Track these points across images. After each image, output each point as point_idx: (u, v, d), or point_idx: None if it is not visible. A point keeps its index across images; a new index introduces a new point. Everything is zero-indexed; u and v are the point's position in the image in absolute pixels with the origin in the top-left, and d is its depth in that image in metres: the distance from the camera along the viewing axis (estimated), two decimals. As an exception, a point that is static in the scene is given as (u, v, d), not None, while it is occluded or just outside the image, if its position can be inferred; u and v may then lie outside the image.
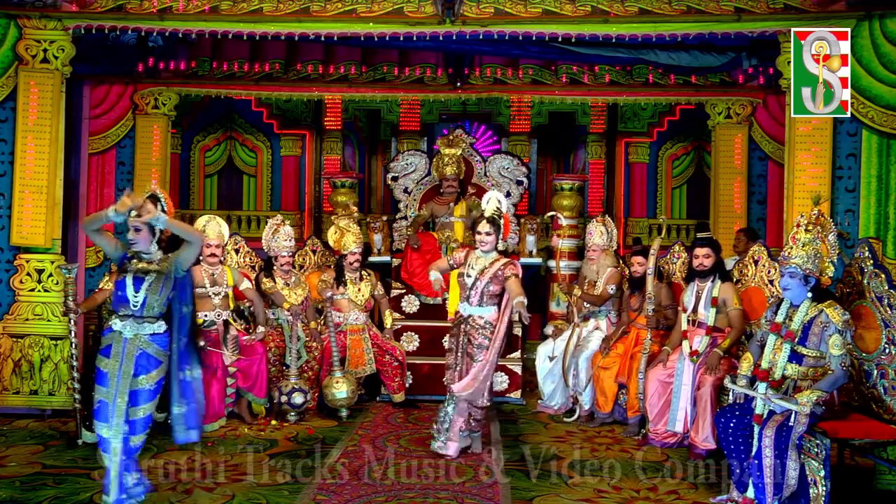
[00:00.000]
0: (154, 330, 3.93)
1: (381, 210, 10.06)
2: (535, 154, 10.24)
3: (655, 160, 10.20)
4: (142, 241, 3.95)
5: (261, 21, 6.17)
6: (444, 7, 6.02)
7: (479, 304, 5.10)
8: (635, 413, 5.82)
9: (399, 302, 7.42)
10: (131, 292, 3.89)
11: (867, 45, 5.71)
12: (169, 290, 3.95)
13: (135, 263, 3.96)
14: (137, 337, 3.89)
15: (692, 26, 6.05)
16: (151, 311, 3.91)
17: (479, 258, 5.15)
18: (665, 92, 8.17)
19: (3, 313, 6.17)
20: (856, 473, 4.67)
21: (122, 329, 3.89)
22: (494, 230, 5.12)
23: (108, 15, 6.16)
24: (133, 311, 3.89)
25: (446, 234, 7.51)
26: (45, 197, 6.18)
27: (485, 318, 5.12)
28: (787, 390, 4.08)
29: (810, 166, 5.85)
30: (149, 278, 3.90)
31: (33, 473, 4.67)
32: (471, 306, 5.13)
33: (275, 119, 9.99)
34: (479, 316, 5.11)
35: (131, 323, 3.89)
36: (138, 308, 3.88)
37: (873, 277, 4.33)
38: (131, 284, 3.89)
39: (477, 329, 5.10)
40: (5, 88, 6.17)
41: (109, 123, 7.48)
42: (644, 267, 5.96)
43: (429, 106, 10.13)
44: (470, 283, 5.12)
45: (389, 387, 6.66)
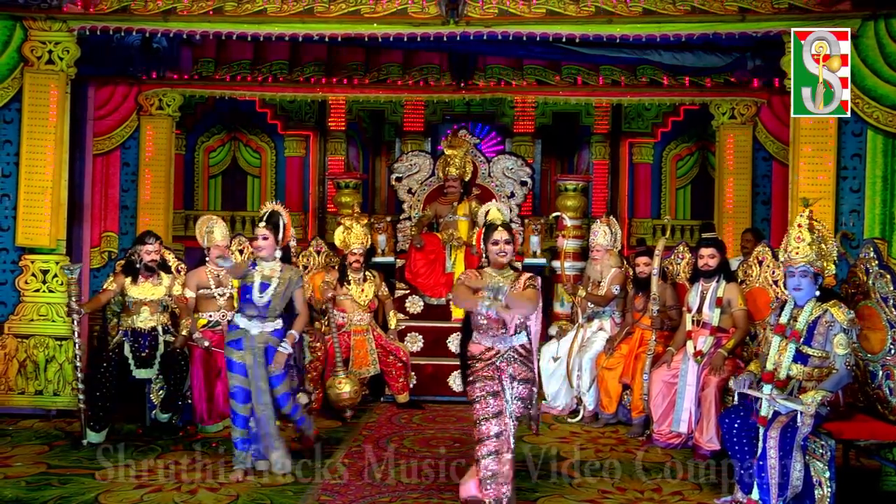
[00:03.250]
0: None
1: (385, 211, 10.06)
2: (539, 154, 10.24)
3: (659, 161, 10.18)
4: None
5: (265, 22, 6.18)
6: (447, 8, 6.02)
7: (517, 331, 4.06)
8: (639, 414, 5.81)
9: (403, 302, 7.41)
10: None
11: (872, 45, 5.70)
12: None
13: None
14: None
15: (696, 26, 6.04)
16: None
17: (496, 277, 4.08)
18: (669, 92, 8.16)
19: (8, 314, 6.19)
20: (861, 475, 4.66)
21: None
22: (511, 237, 4.15)
23: (113, 16, 6.18)
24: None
25: (450, 234, 7.50)
26: (50, 198, 6.20)
27: (525, 346, 4.10)
28: (791, 391, 4.07)
29: (815, 167, 5.84)
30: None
31: (38, 473, 4.68)
32: (510, 337, 4.04)
33: (279, 120, 10.01)
34: (520, 346, 4.07)
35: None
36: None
37: (878, 278, 4.31)
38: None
39: (520, 362, 4.05)
40: (11, 90, 6.19)
41: (114, 124, 7.51)
42: (649, 267, 5.95)
43: (433, 107, 10.14)
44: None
45: (393, 387, 6.66)
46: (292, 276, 4.75)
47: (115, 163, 7.58)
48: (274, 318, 4.70)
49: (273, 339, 4.68)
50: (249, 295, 4.65)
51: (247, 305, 4.68)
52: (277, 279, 4.67)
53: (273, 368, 4.68)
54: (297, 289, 4.79)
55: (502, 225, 4.18)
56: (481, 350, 4.06)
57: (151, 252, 5.67)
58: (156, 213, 7.69)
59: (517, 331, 4.06)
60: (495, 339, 4.05)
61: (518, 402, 4.01)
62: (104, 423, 5.38)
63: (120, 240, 7.58)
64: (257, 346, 4.63)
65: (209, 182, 10.16)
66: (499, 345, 4.04)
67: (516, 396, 4.00)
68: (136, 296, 5.64)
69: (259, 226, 4.71)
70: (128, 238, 7.47)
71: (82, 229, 7.12)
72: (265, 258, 4.71)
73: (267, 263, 4.70)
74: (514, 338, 4.06)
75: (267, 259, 4.71)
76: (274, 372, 4.68)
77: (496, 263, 4.13)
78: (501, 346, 4.04)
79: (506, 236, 4.12)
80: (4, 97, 6.19)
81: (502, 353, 4.03)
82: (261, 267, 4.69)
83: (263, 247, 4.69)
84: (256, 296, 4.63)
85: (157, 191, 7.77)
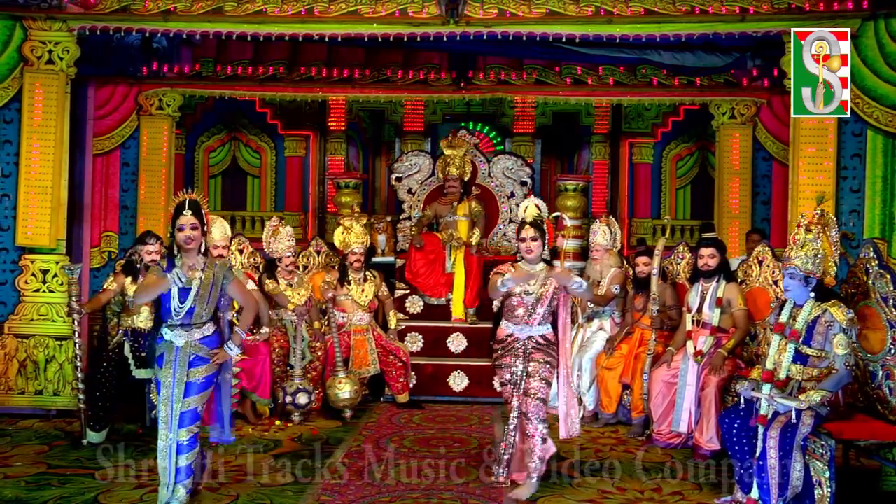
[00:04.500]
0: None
1: (385, 211, 10.06)
2: (538, 154, 10.24)
3: (659, 161, 10.19)
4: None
5: (264, 22, 6.19)
6: (447, 8, 6.02)
7: (541, 322, 4.51)
8: (639, 414, 5.81)
9: (403, 302, 7.42)
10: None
11: (872, 45, 5.70)
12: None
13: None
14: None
15: (696, 26, 6.04)
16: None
17: (529, 270, 4.50)
18: (669, 92, 8.16)
19: (8, 313, 6.19)
20: (861, 475, 4.66)
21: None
22: (540, 235, 4.49)
23: (113, 16, 6.18)
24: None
25: (450, 234, 7.51)
26: (50, 197, 6.20)
27: (546, 336, 4.54)
28: (791, 391, 4.07)
29: (815, 166, 5.84)
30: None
31: (38, 473, 4.68)
32: (531, 327, 4.50)
33: (279, 120, 10.02)
34: (540, 336, 4.52)
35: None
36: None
37: (878, 278, 4.31)
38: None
39: (540, 349, 4.50)
40: (11, 90, 6.20)
41: (114, 124, 7.50)
42: (649, 267, 5.95)
43: (433, 107, 10.15)
44: (533, 301, 4.49)
45: (393, 387, 6.66)
46: (216, 273, 4.01)
47: (115, 163, 7.58)
48: (201, 324, 4.01)
49: (203, 349, 4.01)
50: (168, 305, 3.95)
51: (167, 315, 3.98)
52: (199, 280, 3.96)
53: (203, 370, 4.01)
54: (229, 284, 4.06)
55: (531, 223, 4.53)
56: (503, 336, 4.59)
57: (152, 252, 5.67)
58: (156, 213, 7.68)
59: (541, 322, 4.51)
60: (517, 328, 4.52)
61: (538, 382, 4.44)
62: (104, 423, 5.38)
63: (120, 240, 7.58)
64: (181, 358, 3.96)
65: (209, 182, 10.16)
66: (519, 333, 4.52)
67: (533, 374, 4.44)
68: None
69: (185, 214, 3.93)
70: (128, 238, 7.46)
71: (82, 229, 7.12)
72: (190, 253, 3.97)
73: (187, 261, 3.96)
74: (536, 328, 4.51)
75: (190, 255, 3.98)
76: (196, 376, 4.00)
77: (526, 258, 4.55)
78: (521, 334, 4.51)
79: (532, 234, 4.49)
80: (4, 97, 6.20)
81: (521, 339, 4.51)
82: (176, 270, 3.92)
83: (195, 238, 3.95)
84: (175, 306, 3.94)
85: (157, 191, 7.76)
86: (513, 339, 4.55)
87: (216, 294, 4.03)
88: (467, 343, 7.16)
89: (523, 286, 4.49)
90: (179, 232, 3.95)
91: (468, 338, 7.17)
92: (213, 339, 4.06)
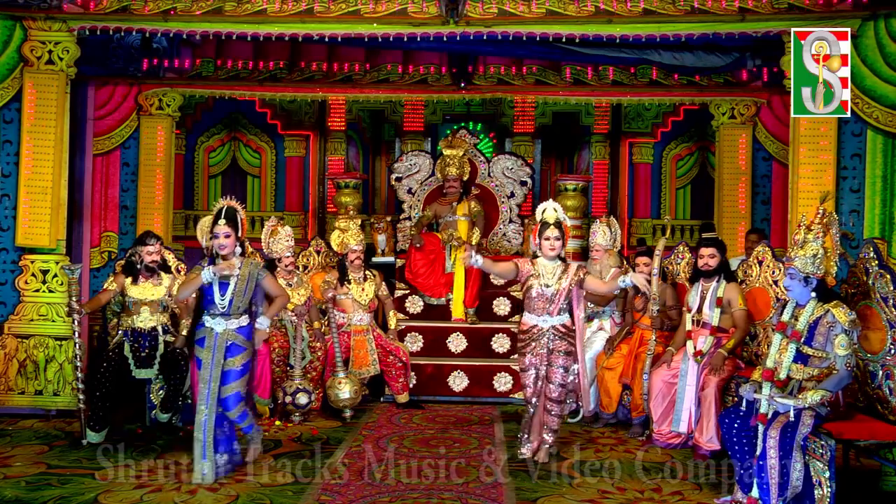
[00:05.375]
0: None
1: (385, 211, 10.06)
2: (538, 154, 10.24)
3: (659, 161, 10.18)
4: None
5: (264, 22, 6.18)
6: (447, 8, 6.02)
7: (559, 312, 5.03)
8: (639, 414, 5.81)
9: (403, 302, 7.42)
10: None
11: (872, 45, 5.70)
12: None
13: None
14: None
15: (696, 26, 6.04)
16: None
17: (547, 266, 5.05)
18: (669, 92, 8.16)
19: (8, 314, 6.19)
20: (861, 475, 4.66)
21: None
22: (561, 235, 5.05)
23: (113, 16, 6.18)
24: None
25: (449, 234, 7.50)
26: (50, 197, 6.20)
27: (566, 325, 5.06)
28: (791, 391, 4.07)
29: (814, 166, 5.84)
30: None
31: (38, 473, 4.68)
32: (551, 317, 5.01)
33: (279, 120, 10.00)
34: (561, 325, 5.03)
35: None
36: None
37: (878, 278, 4.31)
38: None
39: (561, 338, 5.03)
40: (11, 90, 6.20)
41: (114, 124, 7.50)
42: (648, 267, 5.95)
43: (433, 107, 10.14)
44: (552, 293, 5.00)
45: (393, 387, 6.67)
46: (251, 271, 4.65)
47: (115, 163, 7.58)
48: (238, 315, 4.63)
49: (238, 338, 4.62)
50: (211, 297, 4.58)
51: (210, 306, 4.62)
52: (236, 277, 4.58)
53: (240, 357, 4.61)
54: (262, 280, 4.71)
55: (554, 223, 5.04)
56: (528, 327, 5.08)
57: (152, 253, 5.67)
58: (156, 213, 7.68)
59: (560, 312, 5.01)
60: (539, 319, 5.02)
61: (558, 369, 5.01)
62: (104, 423, 5.38)
63: (120, 240, 7.58)
64: (219, 343, 4.58)
65: (209, 182, 10.16)
66: (542, 323, 5.01)
67: (555, 364, 5.01)
68: (136, 296, 5.64)
69: (219, 224, 4.55)
70: (128, 238, 7.47)
71: (82, 229, 7.12)
72: (227, 256, 4.59)
73: (225, 261, 4.59)
74: (556, 318, 5.00)
75: (229, 257, 4.60)
76: (235, 365, 4.60)
77: (547, 256, 5.05)
78: (544, 324, 5.01)
79: (556, 234, 5.03)
80: (4, 97, 6.19)
81: (545, 330, 5.01)
82: (218, 266, 4.56)
83: (227, 245, 4.57)
84: (218, 297, 4.56)
85: (156, 191, 7.76)
86: (537, 330, 5.03)
87: (251, 288, 4.66)
88: (467, 343, 7.17)
89: (539, 279, 5.01)
90: (214, 239, 4.58)
91: (468, 338, 7.17)
92: (247, 329, 4.69)
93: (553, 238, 5.01)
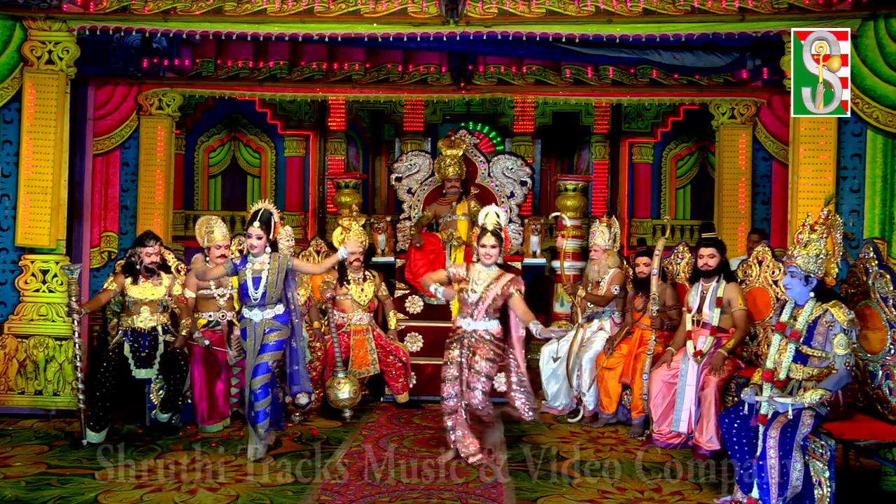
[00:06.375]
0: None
1: (385, 211, 10.06)
2: (538, 154, 10.24)
3: (659, 161, 10.19)
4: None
5: (264, 22, 6.18)
6: (447, 8, 6.02)
7: (484, 318, 5.05)
8: (639, 414, 5.81)
9: (403, 302, 7.42)
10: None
11: (872, 45, 5.70)
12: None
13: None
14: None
15: (696, 26, 6.04)
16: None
17: (482, 272, 5.07)
18: (669, 92, 8.15)
19: (8, 314, 6.19)
20: (861, 475, 4.66)
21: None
22: (498, 243, 5.09)
23: (113, 16, 6.18)
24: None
25: (449, 234, 7.50)
26: (50, 197, 6.20)
27: (490, 331, 5.07)
28: (791, 391, 4.07)
29: (814, 167, 5.84)
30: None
31: (38, 473, 4.68)
32: (475, 321, 5.06)
33: (278, 120, 10.01)
34: (484, 330, 5.06)
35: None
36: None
37: (878, 278, 4.31)
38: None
39: (483, 343, 5.04)
40: (11, 90, 6.19)
41: (114, 124, 7.50)
42: (648, 267, 5.95)
43: (433, 106, 10.14)
44: (475, 299, 5.03)
45: (393, 387, 6.67)
46: (281, 262, 5.04)
47: (114, 163, 7.58)
48: (273, 304, 5.04)
49: (274, 324, 5.04)
50: (246, 291, 5.02)
51: (247, 299, 5.04)
52: (267, 271, 4.99)
53: (276, 334, 5.04)
54: (291, 265, 5.11)
55: (492, 231, 5.08)
56: (455, 327, 5.17)
57: (151, 254, 5.68)
58: (156, 213, 7.68)
59: (484, 318, 5.03)
60: (464, 321, 5.09)
61: (477, 375, 4.97)
62: (104, 423, 5.38)
63: (120, 240, 7.58)
64: (258, 331, 5.01)
65: (209, 182, 10.16)
66: (465, 325, 5.07)
67: (475, 368, 4.98)
68: (136, 296, 5.64)
69: (253, 225, 4.96)
70: (128, 238, 7.47)
71: (82, 229, 7.12)
72: (257, 255, 5.00)
73: (257, 258, 5.00)
74: (479, 322, 5.04)
75: (258, 255, 5.00)
76: (271, 339, 5.01)
77: (483, 262, 5.08)
78: (468, 327, 5.06)
79: (492, 241, 5.06)
80: (4, 97, 6.19)
81: (468, 332, 5.06)
82: (250, 263, 5.00)
83: (257, 245, 4.98)
84: (252, 291, 4.99)
85: (156, 191, 7.76)
86: (461, 331, 5.11)
87: (282, 277, 5.02)
88: (467, 343, 7.15)
89: (470, 283, 5.05)
90: (247, 238, 5.01)
91: (468, 338, 7.16)
92: (283, 317, 5.08)
93: (489, 245, 5.05)
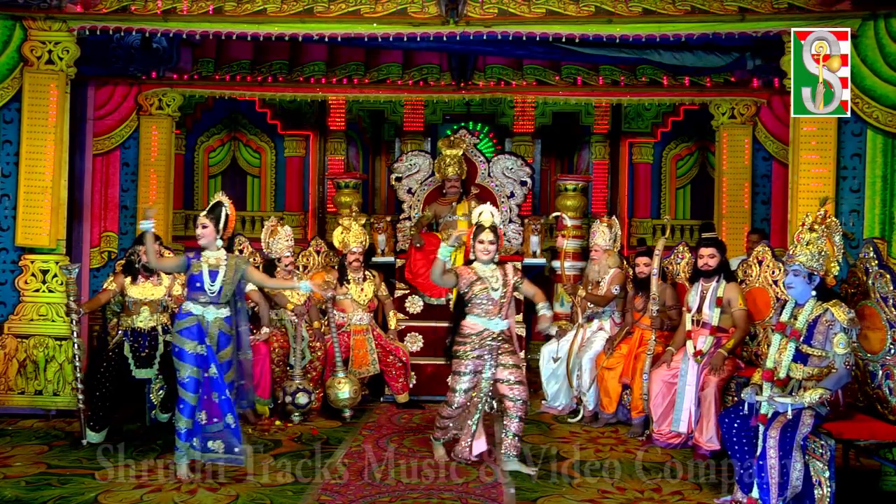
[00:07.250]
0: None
1: (385, 211, 10.06)
2: (538, 154, 10.23)
3: (659, 161, 10.18)
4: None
5: (264, 22, 6.18)
6: (447, 8, 6.02)
7: (505, 316, 5.01)
8: (639, 413, 5.81)
9: (403, 302, 7.42)
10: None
11: (872, 45, 5.70)
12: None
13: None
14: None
15: (696, 26, 6.04)
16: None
17: (485, 270, 5.01)
18: (669, 92, 8.15)
19: (7, 314, 6.19)
20: (861, 475, 4.66)
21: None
22: (496, 239, 5.07)
23: (113, 16, 6.18)
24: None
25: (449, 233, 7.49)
26: (50, 197, 6.20)
27: (508, 328, 5.07)
28: (791, 390, 4.07)
29: (814, 166, 5.84)
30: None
31: (38, 473, 4.68)
32: (503, 320, 4.98)
33: (278, 120, 10.01)
34: (507, 329, 5.03)
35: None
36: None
37: (878, 278, 4.31)
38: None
39: (506, 341, 5.03)
40: (11, 90, 6.19)
41: (114, 124, 7.51)
42: (649, 267, 5.95)
43: (432, 107, 10.14)
44: (499, 296, 4.95)
45: (393, 387, 6.67)
46: (238, 262, 4.85)
47: (114, 163, 7.58)
48: (225, 304, 4.79)
49: (225, 326, 4.77)
50: (200, 283, 4.72)
51: (198, 293, 4.73)
52: (224, 266, 4.78)
53: (227, 351, 4.75)
54: (247, 267, 4.88)
55: (489, 227, 5.03)
56: (476, 332, 4.96)
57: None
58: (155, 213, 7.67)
59: (507, 316, 5.01)
60: (491, 322, 4.96)
61: (516, 368, 4.95)
62: (104, 423, 5.38)
63: (120, 240, 7.58)
64: (212, 332, 4.71)
65: (209, 182, 10.16)
66: (493, 327, 4.96)
67: (514, 364, 4.96)
68: (135, 296, 5.64)
69: (201, 215, 4.82)
70: (128, 238, 7.47)
71: (82, 229, 7.12)
72: (206, 246, 4.80)
73: (211, 252, 4.79)
74: (506, 321, 4.99)
75: (209, 247, 4.80)
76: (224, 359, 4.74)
77: (480, 259, 5.03)
78: (496, 328, 4.96)
79: (490, 237, 5.02)
80: (4, 97, 6.19)
81: (495, 333, 4.96)
82: (205, 256, 4.78)
83: (203, 235, 4.78)
84: (208, 284, 4.71)
85: (156, 191, 7.77)
86: (485, 334, 4.97)
87: (237, 279, 4.81)
88: (467, 343, 7.15)
89: (487, 283, 4.96)
90: (196, 228, 4.87)
91: (468, 338, 7.15)
92: (229, 319, 4.82)
93: (487, 241, 4.99)
